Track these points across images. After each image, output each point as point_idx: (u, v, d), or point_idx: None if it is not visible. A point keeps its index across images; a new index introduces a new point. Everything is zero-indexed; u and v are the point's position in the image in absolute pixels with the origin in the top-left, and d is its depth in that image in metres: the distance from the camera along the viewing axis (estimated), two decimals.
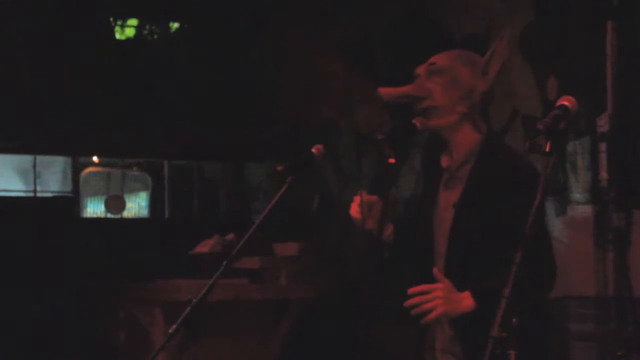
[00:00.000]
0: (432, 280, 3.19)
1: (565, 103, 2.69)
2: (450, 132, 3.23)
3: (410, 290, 3.06)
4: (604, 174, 6.19)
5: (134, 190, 10.56)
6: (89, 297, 7.14)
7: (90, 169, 10.11)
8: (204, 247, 7.23)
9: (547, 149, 2.57)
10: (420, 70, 3.30)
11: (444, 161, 3.27)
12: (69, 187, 9.56)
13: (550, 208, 6.33)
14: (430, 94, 3.22)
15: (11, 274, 7.14)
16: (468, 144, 3.21)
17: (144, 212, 10.40)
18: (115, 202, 9.64)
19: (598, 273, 6.13)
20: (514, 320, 2.46)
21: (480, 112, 3.24)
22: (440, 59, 3.28)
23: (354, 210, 3.39)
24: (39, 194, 9.59)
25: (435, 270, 3.12)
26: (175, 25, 9.58)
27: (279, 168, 3.43)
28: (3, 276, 7.10)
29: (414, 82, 3.30)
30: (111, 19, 9.23)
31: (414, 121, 3.24)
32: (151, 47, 9.40)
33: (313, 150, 3.48)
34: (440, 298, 2.98)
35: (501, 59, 3.24)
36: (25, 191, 9.85)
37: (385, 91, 3.32)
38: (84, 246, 7.72)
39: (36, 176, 9.65)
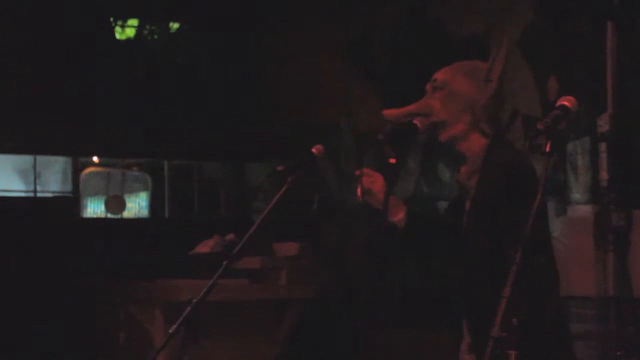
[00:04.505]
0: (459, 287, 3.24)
1: (565, 103, 2.69)
2: (461, 143, 3.26)
3: None
4: (604, 174, 6.20)
5: (134, 190, 10.55)
6: (89, 297, 7.14)
7: (90, 169, 10.10)
8: (204, 247, 7.22)
9: (547, 149, 2.57)
10: (427, 87, 3.33)
11: (460, 175, 3.31)
12: (69, 187, 9.56)
13: (550, 208, 6.33)
14: (432, 110, 3.25)
15: (11, 274, 7.13)
16: (476, 152, 3.23)
17: (144, 212, 10.39)
18: (115, 202, 9.63)
19: (598, 273, 6.13)
20: (514, 320, 2.47)
21: (488, 119, 3.25)
22: (441, 74, 3.31)
23: (359, 190, 3.39)
24: (39, 194, 9.57)
25: None
26: (175, 25, 9.58)
27: (279, 168, 3.43)
28: (3, 276, 7.10)
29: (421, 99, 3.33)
30: (111, 19, 9.23)
31: (414, 121, 3.26)
32: (151, 47, 9.40)
33: (313, 150, 3.49)
34: None
35: (502, 66, 3.26)
36: (25, 191, 9.84)
37: (389, 113, 3.35)
38: (84, 246, 7.71)
39: (36, 176, 9.64)
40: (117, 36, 9.30)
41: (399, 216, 3.38)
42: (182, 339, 3.18)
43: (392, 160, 3.21)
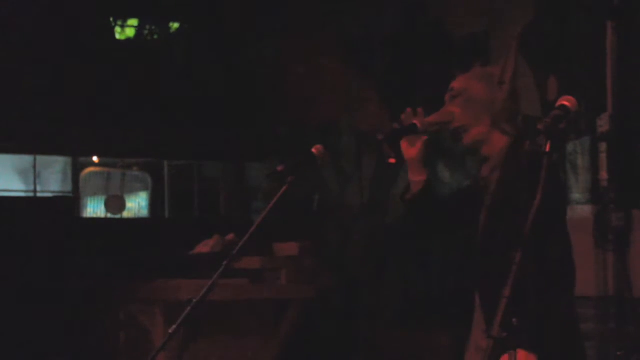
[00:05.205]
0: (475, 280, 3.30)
1: (565, 103, 2.70)
2: (483, 146, 3.35)
3: None
4: (604, 174, 6.19)
5: (134, 190, 10.55)
6: (89, 297, 7.14)
7: (90, 169, 10.10)
8: (204, 247, 7.22)
9: (547, 149, 2.58)
10: (446, 97, 3.43)
11: (482, 169, 3.40)
12: (69, 187, 9.57)
13: None
14: (452, 117, 3.35)
15: (11, 274, 7.14)
16: (498, 151, 3.33)
17: (144, 212, 10.40)
18: (115, 202, 9.63)
19: (598, 273, 6.13)
20: (514, 320, 2.48)
21: (508, 119, 3.35)
22: (456, 83, 3.41)
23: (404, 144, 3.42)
24: (39, 194, 9.58)
25: None
26: (175, 25, 9.58)
27: (279, 168, 3.44)
28: (3, 276, 7.10)
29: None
30: (111, 19, 9.23)
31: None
32: (151, 47, 9.40)
33: (313, 150, 3.49)
34: None
35: (513, 67, 3.36)
36: (25, 191, 9.84)
37: None
38: (84, 246, 7.71)
39: (36, 176, 9.65)
40: (117, 36, 9.30)
41: (420, 177, 3.42)
42: (182, 339, 3.18)
43: (392, 160, 3.25)
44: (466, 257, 3.41)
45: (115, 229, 8.94)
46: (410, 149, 3.43)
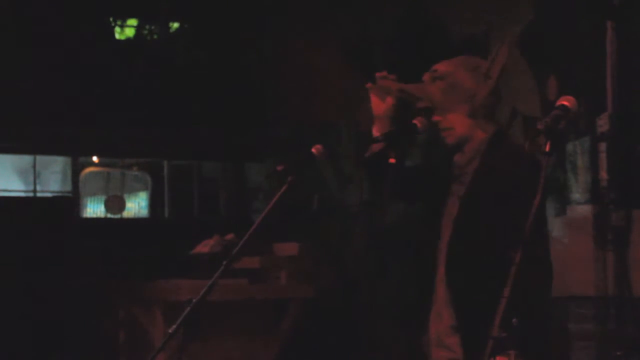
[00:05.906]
0: (432, 270, 3.30)
1: (565, 103, 2.70)
2: (467, 144, 3.34)
3: None
4: (604, 174, 6.20)
5: (134, 190, 10.54)
6: (89, 297, 7.13)
7: (90, 169, 10.09)
8: (204, 247, 7.22)
9: (547, 149, 2.58)
10: (425, 77, 3.41)
11: (456, 157, 3.38)
12: (69, 187, 9.55)
13: (550, 208, 6.33)
14: (428, 96, 3.33)
15: (11, 274, 7.13)
16: (475, 143, 3.31)
17: (144, 212, 10.39)
18: (115, 202, 9.63)
19: (598, 273, 6.13)
20: (513, 320, 2.48)
21: (486, 115, 3.31)
22: (442, 66, 3.38)
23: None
24: (39, 194, 9.58)
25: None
26: (175, 25, 9.58)
27: (279, 168, 3.44)
28: (3, 276, 7.10)
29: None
30: (111, 19, 9.23)
31: (414, 121, 3.30)
32: (151, 47, 9.40)
33: (313, 150, 3.49)
34: None
35: (502, 64, 3.31)
36: (25, 191, 9.84)
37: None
38: (84, 246, 7.71)
39: (36, 176, 9.64)
40: (117, 36, 9.30)
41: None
42: (182, 339, 3.18)
43: (392, 160, 3.24)
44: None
45: (115, 229, 8.95)
46: (380, 105, 3.43)
